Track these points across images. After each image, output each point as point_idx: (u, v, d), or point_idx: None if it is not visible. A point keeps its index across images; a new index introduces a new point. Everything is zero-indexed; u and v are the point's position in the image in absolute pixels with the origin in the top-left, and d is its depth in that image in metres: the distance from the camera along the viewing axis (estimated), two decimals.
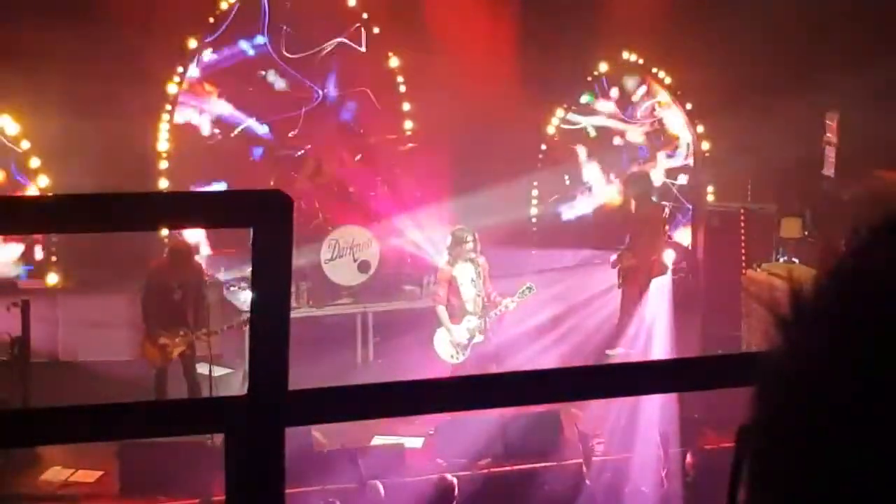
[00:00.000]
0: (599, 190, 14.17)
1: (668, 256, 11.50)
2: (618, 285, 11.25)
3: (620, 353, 10.53)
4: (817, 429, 0.69)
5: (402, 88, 13.38)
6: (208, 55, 12.79)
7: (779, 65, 12.50)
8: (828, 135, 12.78)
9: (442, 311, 10.36)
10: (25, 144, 11.71)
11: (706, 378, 1.61)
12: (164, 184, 12.23)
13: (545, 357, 10.61)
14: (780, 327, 0.74)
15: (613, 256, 11.31)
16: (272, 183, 12.39)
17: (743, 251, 12.38)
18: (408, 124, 13.44)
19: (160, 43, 11.83)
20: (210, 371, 9.79)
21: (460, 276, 10.32)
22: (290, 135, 13.09)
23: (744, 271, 12.01)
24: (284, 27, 12.86)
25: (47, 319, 11.14)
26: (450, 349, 10.35)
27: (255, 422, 1.37)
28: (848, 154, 12.41)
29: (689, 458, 8.45)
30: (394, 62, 13.31)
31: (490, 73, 12.33)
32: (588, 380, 1.69)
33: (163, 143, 12.34)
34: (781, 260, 12.10)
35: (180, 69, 12.38)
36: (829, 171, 12.77)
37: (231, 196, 1.46)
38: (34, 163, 11.73)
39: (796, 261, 11.89)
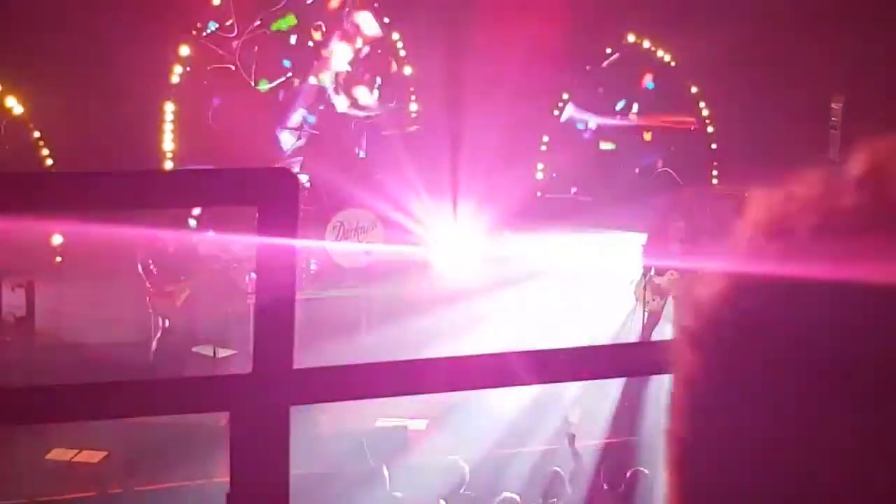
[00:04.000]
0: None
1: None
2: None
3: None
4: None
5: (407, 71, 13.32)
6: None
7: (784, 49, 12.43)
8: (833, 118, 12.74)
9: None
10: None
11: None
12: (168, 165, 12.22)
13: None
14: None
15: None
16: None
17: None
18: (412, 107, 13.39)
19: (166, 24, 11.78)
20: (214, 352, 9.81)
21: None
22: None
23: None
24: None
25: (52, 300, 11.14)
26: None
27: (260, 401, 1.36)
28: (853, 137, 12.34)
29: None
30: (399, 51, 13.27)
31: (494, 60, 12.25)
32: (586, 360, 1.69)
33: (167, 124, 12.32)
34: None
35: (185, 51, 12.34)
36: (834, 154, 12.73)
37: (236, 174, 1.44)
38: (39, 143, 11.72)
39: None
